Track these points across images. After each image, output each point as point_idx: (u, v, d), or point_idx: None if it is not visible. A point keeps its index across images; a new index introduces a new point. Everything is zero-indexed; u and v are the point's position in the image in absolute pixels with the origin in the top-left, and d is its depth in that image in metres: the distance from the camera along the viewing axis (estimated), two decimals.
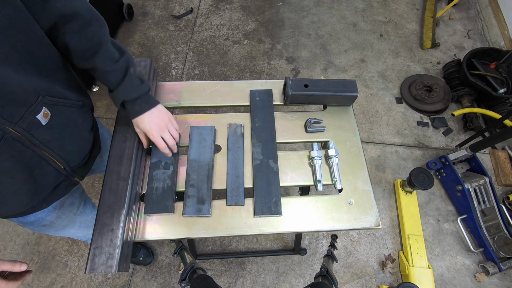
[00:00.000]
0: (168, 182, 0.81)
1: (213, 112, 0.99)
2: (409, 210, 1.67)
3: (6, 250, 1.56)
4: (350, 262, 1.58)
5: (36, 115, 0.59)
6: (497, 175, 1.82)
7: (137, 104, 0.74)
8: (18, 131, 0.57)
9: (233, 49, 2.30)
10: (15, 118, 0.56)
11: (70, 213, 0.88)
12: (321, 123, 0.95)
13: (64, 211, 0.85)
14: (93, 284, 1.49)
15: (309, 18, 2.48)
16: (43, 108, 0.61)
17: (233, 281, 1.51)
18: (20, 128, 0.57)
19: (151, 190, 0.80)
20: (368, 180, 0.87)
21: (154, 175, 0.82)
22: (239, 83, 1.02)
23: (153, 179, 0.82)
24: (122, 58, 0.70)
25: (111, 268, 0.64)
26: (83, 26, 0.63)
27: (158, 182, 0.81)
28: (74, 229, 0.95)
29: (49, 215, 0.80)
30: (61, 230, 0.91)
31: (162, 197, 0.79)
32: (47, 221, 0.81)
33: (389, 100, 2.10)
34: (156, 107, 0.77)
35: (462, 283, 1.54)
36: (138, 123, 0.76)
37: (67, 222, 0.89)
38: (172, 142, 0.81)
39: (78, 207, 0.91)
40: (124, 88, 0.70)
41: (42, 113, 0.61)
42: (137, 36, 2.34)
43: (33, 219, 0.77)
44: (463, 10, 2.56)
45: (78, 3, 0.62)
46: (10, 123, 0.55)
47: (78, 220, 0.93)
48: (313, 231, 0.84)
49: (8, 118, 0.55)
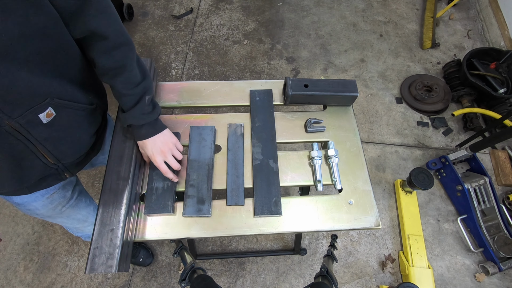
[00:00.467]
0: (168, 182, 0.81)
1: (213, 112, 0.99)
2: (409, 210, 1.67)
3: (6, 250, 1.56)
4: (350, 262, 1.58)
5: (38, 114, 0.59)
6: (497, 175, 1.82)
7: (143, 129, 0.76)
8: (14, 126, 0.57)
9: (233, 49, 2.30)
10: (15, 114, 0.56)
11: (59, 205, 0.87)
12: (321, 123, 0.95)
13: (52, 201, 0.84)
14: (93, 284, 1.49)
15: (309, 18, 2.48)
16: (48, 108, 0.60)
17: (233, 281, 1.51)
18: (17, 124, 0.57)
19: (151, 190, 0.80)
20: (368, 180, 0.87)
21: (154, 175, 0.82)
22: (239, 83, 1.02)
23: (153, 179, 0.81)
24: (141, 84, 0.71)
25: (111, 268, 0.64)
26: (112, 48, 0.64)
27: (158, 182, 0.81)
28: (63, 218, 0.96)
29: (35, 201, 0.80)
30: (48, 218, 0.91)
31: (162, 197, 0.79)
32: (33, 206, 0.82)
33: (389, 100, 2.10)
34: (162, 132, 0.79)
35: (462, 283, 1.54)
36: (142, 147, 0.80)
37: (54, 213, 0.89)
38: (176, 165, 0.81)
39: (69, 200, 0.90)
40: (133, 113, 0.73)
41: (46, 113, 0.60)
42: (137, 36, 2.34)
43: (19, 201, 0.79)
44: (463, 10, 2.56)
45: (112, 26, 0.62)
46: (9, 117, 0.55)
47: (67, 212, 0.93)
48: (313, 231, 0.84)
49: (8, 113, 0.55)
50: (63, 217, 0.95)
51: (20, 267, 1.52)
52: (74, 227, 1.05)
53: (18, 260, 1.54)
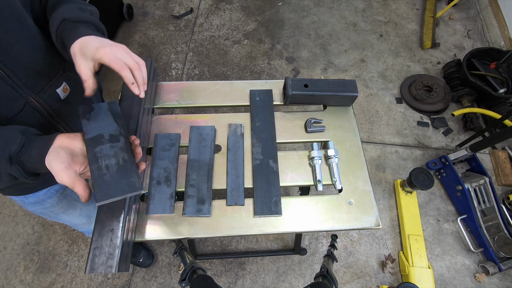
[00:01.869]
0: (124, 155, 0.59)
1: (213, 112, 0.99)
2: (409, 210, 1.67)
3: (6, 250, 1.56)
4: (350, 262, 1.58)
5: (56, 88, 0.64)
6: (497, 175, 1.82)
7: (81, 27, 0.58)
8: (38, 102, 0.61)
9: (233, 49, 2.30)
10: (37, 88, 0.61)
11: (72, 198, 0.88)
12: (321, 123, 0.95)
13: (66, 196, 0.85)
14: (93, 284, 1.49)
15: (309, 18, 2.48)
16: (63, 83, 0.65)
17: (233, 281, 1.51)
18: (40, 99, 0.62)
19: (98, 171, 0.56)
20: (368, 180, 0.87)
21: (98, 153, 0.58)
22: (239, 83, 1.02)
23: (96, 158, 0.57)
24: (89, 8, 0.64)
25: (111, 268, 0.64)
26: None
27: (108, 158, 0.58)
28: (75, 215, 0.96)
29: (50, 197, 0.81)
30: (61, 214, 0.91)
31: (118, 177, 0.57)
32: (48, 203, 0.82)
33: (389, 100, 2.10)
34: None
35: (462, 283, 1.54)
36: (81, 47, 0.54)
37: (67, 207, 0.89)
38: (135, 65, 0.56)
39: None
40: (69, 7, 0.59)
41: (62, 88, 0.65)
42: (137, 36, 2.34)
43: (34, 199, 0.79)
44: (463, 10, 2.56)
45: None
46: (33, 93, 0.60)
47: (79, 206, 0.93)
48: (313, 231, 0.84)
49: (31, 88, 0.59)
50: (76, 214, 0.95)
51: (20, 267, 1.52)
52: (82, 223, 1.05)
53: (18, 260, 1.54)
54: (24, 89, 0.58)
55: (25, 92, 0.58)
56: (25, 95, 0.58)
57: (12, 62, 0.54)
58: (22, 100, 0.59)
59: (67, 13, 0.58)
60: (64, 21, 0.57)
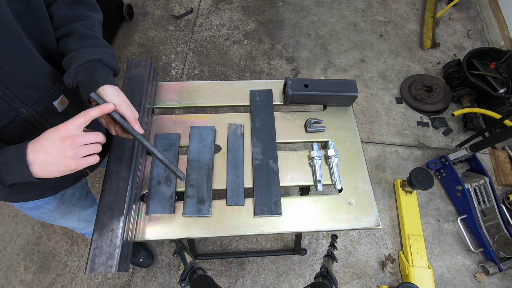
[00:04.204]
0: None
1: (213, 112, 0.99)
2: (409, 210, 1.67)
3: (6, 250, 1.56)
4: (350, 262, 1.58)
5: (53, 101, 0.62)
6: (497, 175, 1.82)
7: (105, 71, 0.62)
8: (31, 114, 0.59)
9: (233, 49, 2.30)
10: (31, 101, 0.58)
11: (70, 203, 0.88)
12: (321, 123, 0.95)
13: (64, 201, 0.85)
14: (93, 284, 1.49)
15: (309, 18, 2.48)
16: (60, 96, 0.63)
17: (233, 281, 1.51)
18: (34, 112, 0.59)
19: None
20: (368, 180, 0.87)
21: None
22: (239, 83, 1.02)
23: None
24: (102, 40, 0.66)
25: (111, 268, 0.64)
26: (74, 1, 0.64)
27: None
28: (73, 220, 0.95)
29: (48, 203, 0.80)
30: (60, 219, 0.91)
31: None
32: (46, 209, 0.81)
33: (389, 100, 2.10)
34: None
35: (462, 283, 1.54)
36: (105, 94, 0.60)
37: (66, 212, 0.89)
38: None
39: (79, 199, 0.90)
40: (98, 49, 0.62)
41: (59, 100, 0.63)
42: (137, 36, 2.34)
43: (32, 205, 0.78)
44: (463, 10, 2.56)
45: None
46: (25, 105, 0.57)
47: (78, 211, 0.93)
48: (313, 231, 0.84)
49: (24, 100, 0.57)
50: (74, 219, 0.95)
51: (20, 267, 1.52)
52: (81, 227, 1.05)
53: (18, 260, 1.54)
54: (16, 100, 0.56)
55: (16, 104, 0.56)
56: (16, 107, 0.56)
57: (2, 75, 0.52)
58: (13, 112, 0.56)
59: (104, 56, 0.61)
60: (98, 61, 0.60)
